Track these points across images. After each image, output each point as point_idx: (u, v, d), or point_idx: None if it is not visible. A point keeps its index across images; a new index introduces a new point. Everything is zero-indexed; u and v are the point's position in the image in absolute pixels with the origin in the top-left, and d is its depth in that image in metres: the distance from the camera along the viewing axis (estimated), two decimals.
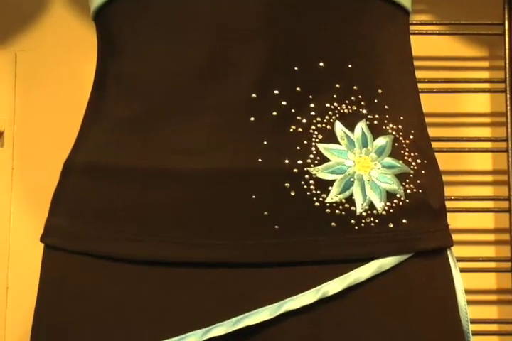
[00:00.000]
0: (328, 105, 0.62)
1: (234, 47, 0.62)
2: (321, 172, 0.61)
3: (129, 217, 0.63)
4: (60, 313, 0.65)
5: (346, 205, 0.61)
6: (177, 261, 0.61)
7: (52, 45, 1.19)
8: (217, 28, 0.62)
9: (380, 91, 0.64)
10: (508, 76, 1.13)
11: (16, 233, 1.17)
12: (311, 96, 0.62)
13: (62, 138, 0.83)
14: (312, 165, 0.61)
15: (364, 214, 0.61)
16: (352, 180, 0.62)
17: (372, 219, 0.61)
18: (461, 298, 0.67)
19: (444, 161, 0.75)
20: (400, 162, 0.64)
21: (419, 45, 0.88)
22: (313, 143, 0.61)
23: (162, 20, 0.64)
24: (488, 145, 1.16)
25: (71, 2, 1.20)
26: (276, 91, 0.61)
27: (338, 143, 0.62)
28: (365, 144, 0.63)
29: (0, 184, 1.17)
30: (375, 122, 0.64)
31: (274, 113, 0.61)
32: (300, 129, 0.61)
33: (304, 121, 0.62)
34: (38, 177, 1.17)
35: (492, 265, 1.15)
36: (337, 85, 0.63)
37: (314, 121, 0.62)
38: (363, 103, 0.63)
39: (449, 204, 0.72)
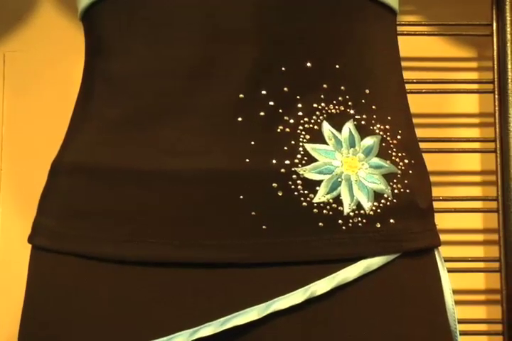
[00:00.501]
0: (315, 105, 0.62)
1: (222, 48, 0.62)
2: (308, 172, 0.61)
3: (117, 217, 0.62)
4: (48, 314, 0.65)
5: (334, 205, 0.61)
6: (165, 262, 0.61)
7: (41, 45, 1.19)
8: (206, 28, 0.62)
9: (367, 91, 0.65)
10: (496, 77, 1.13)
11: (5, 234, 1.16)
12: (298, 97, 0.62)
13: (51, 139, 0.82)
14: (300, 166, 0.61)
15: (351, 214, 0.61)
16: (339, 180, 0.62)
17: (359, 219, 0.61)
18: (449, 297, 0.67)
19: (433, 162, 0.75)
20: (388, 162, 0.64)
21: (408, 46, 0.88)
22: (301, 143, 0.61)
23: (150, 20, 0.64)
24: (476, 145, 1.17)
25: (60, 2, 1.20)
26: (263, 92, 0.61)
27: (326, 143, 0.62)
28: (352, 144, 0.63)
29: None
30: (363, 122, 0.64)
31: (262, 113, 0.61)
32: (287, 129, 0.61)
33: (292, 121, 0.62)
34: (26, 178, 1.16)
35: (481, 265, 1.15)
36: (324, 85, 0.63)
37: (302, 121, 0.62)
38: (350, 103, 0.63)
39: (437, 205, 0.72)
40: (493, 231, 1.14)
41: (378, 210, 0.62)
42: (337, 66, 0.63)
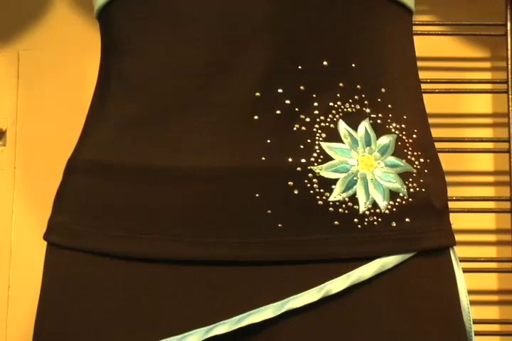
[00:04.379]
0: (331, 104, 0.62)
1: (238, 46, 0.62)
2: (324, 170, 0.61)
3: (133, 215, 0.63)
4: (63, 311, 0.65)
5: (349, 204, 0.61)
6: (180, 259, 0.61)
7: (55, 44, 1.19)
8: (222, 27, 0.62)
9: (383, 90, 0.65)
10: (510, 77, 1.13)
11: (18, 232, 1.17)
12: (314, 95, 0.62)
13: (64, 137, 0.83)
14: (315, 164, 0.61)
15: (367, 212, 0.61)
16: (355, 178, 0.62)
17: (375, 217, 0.61)
18: (464, 297, 0.67)
19: (446, 162, 0.75)
20: (403, 161, 0.64)
21: (421, 46, 0.88)
22: (317, 142, 0.62)
23: (166, 18, 0.64)
24: (489, 145, 1.16)
25: (74, 1, 1.20)
26: (280, 90, 0.62)
27: (342, 141, 0.62)
28: (368, 143, 0.63)
29: (2, 183, 1.18)
30: (379, 121, 0.64)
31: (278, 111, 0.61)
32: (304, 128, 0.62)
33: (308, 119, 0.62)
34: (40, 176, 1.16)
35: (493, 265, 1.14)
36: (340, 84, 0.63)
37: (318, 119, 0.62)
38: (366, 102, 0.63)
39: (450, 205, 0.72)
40: (506, 232, 1.14)
41: (394, 209, 0.62)
42: (353, 65, 0.63)
